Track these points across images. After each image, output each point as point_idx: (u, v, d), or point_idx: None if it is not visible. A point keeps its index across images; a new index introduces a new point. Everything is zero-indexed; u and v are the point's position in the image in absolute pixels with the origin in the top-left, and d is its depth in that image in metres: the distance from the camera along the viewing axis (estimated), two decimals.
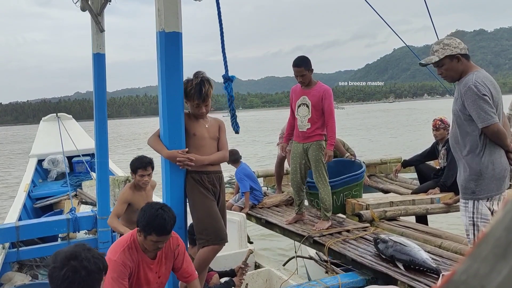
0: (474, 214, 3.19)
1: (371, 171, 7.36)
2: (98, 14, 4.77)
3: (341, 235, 4.64)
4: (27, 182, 8.09)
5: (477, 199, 3.17)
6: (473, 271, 0.39)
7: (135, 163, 4.26)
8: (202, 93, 3.23)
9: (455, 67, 3.19)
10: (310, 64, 4.79)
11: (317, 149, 4.78)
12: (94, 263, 1.94)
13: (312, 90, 4.82)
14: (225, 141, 3.50)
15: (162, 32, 3.02)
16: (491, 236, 0.39)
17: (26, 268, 5.36)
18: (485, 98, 3.05)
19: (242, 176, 6.00)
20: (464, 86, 3.11)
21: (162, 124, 3.17)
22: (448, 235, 4.57)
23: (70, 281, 1.86)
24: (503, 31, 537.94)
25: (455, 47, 3.19)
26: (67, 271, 1.87)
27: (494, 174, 3.13)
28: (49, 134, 9.62)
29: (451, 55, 3.17)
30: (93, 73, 4.95)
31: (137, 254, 2.83)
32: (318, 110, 4.77)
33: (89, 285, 1.90)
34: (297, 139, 4.95)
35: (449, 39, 3.27)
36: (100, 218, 5.23)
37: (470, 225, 3.23)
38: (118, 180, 7.24)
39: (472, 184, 3.17)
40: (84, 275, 1.89)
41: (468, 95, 3.08)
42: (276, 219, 5.39)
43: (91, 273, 1.92)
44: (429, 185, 5.90)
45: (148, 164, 4.24)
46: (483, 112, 3.04)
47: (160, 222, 2.67)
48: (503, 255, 0.38)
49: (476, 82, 3.08)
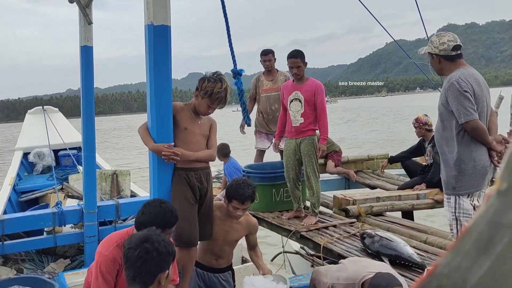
0: (456, 209, 3.24)
1: (358, 167, 7.40)
2: (86, 6, 4.72)
3: (328, 230, 4.67)
4: (12, 176, 7.99)
5: (457, 194, 3.22)
6: (455, 264, 0.39)
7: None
8: (227, 99, 3.27)
9: (433, 64, 3.32)
10: (304, 57, 4.82)
11: (309, 144, 4.80)
12: (164, 247, 2.16)
13: (304, 85, 4.84)
14: (215, 141, 3.49)
15: (150, 25, 3.00)
16: (473, 230, 0.40)
17: (11, 262, 5.31)
18: (465, 94, 3.10)
19: (232, 169, 6.00)
20: (448, 82, 3.18)
21: (150, 117, 3.15)
22: (433, 231, 4.62)
23: (143, 260, 2.11)
24: (494, 24, 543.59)
25: (435, 46, 3.26)
26: (140, 252, 2.12)
27: (475, 171, 3.17)
28: (35, 127, 9.51)
29: (430, 52, 3.29)
30: (81, 65, 4.90)
31: None
32: (310, 105, 4.79)
33: (158, 265, 2.13)
34: (289, 135, 4.96)
35: (437, 35, 3.31)
36: (86, 212, 5.19)
37: (453, 220, 3.29)
38: (105, 174, 7.19)
39: (453, 180, 3.22)
40: (155, 255, 2.12)
41: (450, 91, 3.14)
42: (263, 214, 5.40)
43: (162, 254, 2.14)
44: (416, 181, 5.96)
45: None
46: (463, 108, 3.10)
47: (166, 218, 2.69)
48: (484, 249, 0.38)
49: (459, 79, 3.13)
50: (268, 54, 6.30)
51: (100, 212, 5.28)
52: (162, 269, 2.16)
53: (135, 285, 2.14)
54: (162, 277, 2.15)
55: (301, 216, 5.09)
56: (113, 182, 7.19)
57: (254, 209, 5.51)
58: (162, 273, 2.15)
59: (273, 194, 5.37)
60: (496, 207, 0.39)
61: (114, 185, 7.18)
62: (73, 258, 5.56)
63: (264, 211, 5.39)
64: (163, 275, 2.16)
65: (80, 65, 4.91)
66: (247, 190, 3.28)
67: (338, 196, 5.52)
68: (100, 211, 5.28)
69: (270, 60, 6.29)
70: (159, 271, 2.15)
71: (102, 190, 6.98)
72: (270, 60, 6.29)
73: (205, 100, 3.24)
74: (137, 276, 2.13)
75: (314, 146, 4.81)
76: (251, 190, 3.31)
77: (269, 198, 5.37)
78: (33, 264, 5.35)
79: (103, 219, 5.41)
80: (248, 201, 3.32)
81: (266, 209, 5.38)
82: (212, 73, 3.32)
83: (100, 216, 5.30)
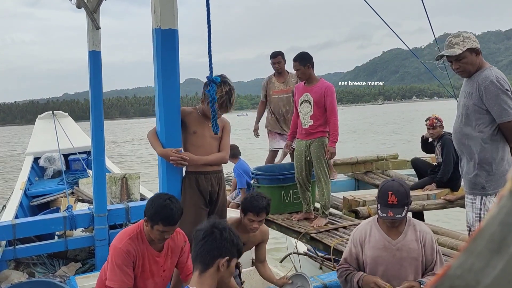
0: (481, 210, 3.16)
1: (368, 167, 7.37)
2: (94, 11, 4.75)
3: (338, 231, 4.65)
4: (23, 180, 8.06)
5: (486, 194, 3.14)
6: (468, 265, 0.39)
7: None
8: (231, 103, 3.27)
9: (474, 61, 3.12)
10: (306, 60, 4.78)
11: (319, 146, 4.78)
12: (229, 234, 2.29)
13: (314, 87, 4.82)
14: (227, 143, 3.47)
15: (158, 29, 3.01)
16: (486, 231, 0.39)
17: (23, 266, 5.35)
18: (507, 93, 3.01)
19: (240, 171, 6.00)
20: (485, 81, 3.04)
21: (158, 121, 3.16)
22: (445, 231, 4.59)
23: (205, 240, 2.25)
24: (490, 34, 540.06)
25: (474, 40, 3.13)
26: (206, 232, 2.28)
27: (503, 170, 3.11)
28: (45, 132, 9.59)
29: (472, 48, 3.11)
30: (89, 70, 4.94)
31: (143, 245, 2.85)
32: (320, 107, 4.76)
33: (219, 248, 2.24)
34: (300, 137, 4.95)
35: (466, 32, 3.19)
36: (96, 216, 5.22)
37: (476, 221, 3.20)
38: (115, 178, 7.23)
39: (483, 180, 3.14)
40: (218, 238, 2.25)
41: (489, 90, 3.01)
42: (273, 216, 5.39)
43: (224, 239, 2.25)
44: (426, 181, 5.92)
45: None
46: (506, 107, 3.00)
47: (167, 212, 2.69)
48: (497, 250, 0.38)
49: (498, 77, 3.03)
50: (277, 56, 6.32)
51: (110, 216, 5.31)
52: (222, 254, 2.23)
53: (197, 264, 2.26)
54: (221, 262, 2.22)
55: (310, 217, 5.07)
56: (122, 185, 7.23)
57: None
58: (221, 258, 2.22)
59: (282, 196, 5.36)
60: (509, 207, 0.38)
61: (124, 189, 7.22)
62: (84, 262, 5.59)
63: (273, 213, 5.38)
64: (222, 261, 2.22)
65: (89, 69, 4.94)
66: (261, 202, 3.24)
67: (347, 197, 5.50)
68: (110, 214, 5.31)
69: (280, 62, 6.31)
70: (219, 255, 2.23)
71: (112, 194, 7.02)
72: (279, 62, 6.30)
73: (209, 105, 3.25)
74: (199, 255, 2.25)
75: (324, 148, 4.78)
76: (265, 202, 3.27)
77: (278, 200, 5.37)
78: (45, 268, 5.38)
79: (114, 222, 5.44)
80: (263, 212, 3.27)
81: (276, 211, 5.38)
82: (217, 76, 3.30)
83: (110, 220, 5.33)
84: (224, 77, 3.28)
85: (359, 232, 3.03)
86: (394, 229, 2.91)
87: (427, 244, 2.90)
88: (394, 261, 2.88)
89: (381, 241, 2.91)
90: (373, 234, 2.95)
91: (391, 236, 2.90)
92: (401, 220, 2.84)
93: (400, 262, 2.87)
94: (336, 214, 5.40)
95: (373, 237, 2.94)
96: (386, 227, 2.92)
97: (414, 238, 2.89)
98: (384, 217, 2.81)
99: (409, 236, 2.89)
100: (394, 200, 2.77)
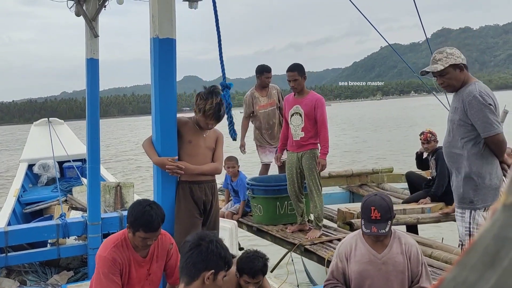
0: (470, 224, 3.19)
1: (362, 180, 7.38)
2: (93, 19, 4.76)
3: (332, 243, 4.64)
4: (17, 187, 8.01)
5: (474, 208, 3.16)
6: (461, 279, 0.39)
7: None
8: (220, 114, 3.26)
9: (458, 77, 3.19)
10: (303, 71, 4.83)
11: (310, 158, 4.79)
12: (216, 247, 2.29)
13: (304, 99, 4.84)
14: (221, 154, 3.49)
15: (156, 39, 3.02)
16: (480, 244, 0.39)
17: (15, 273, 5.29)
18: (490, 107, 3.06)
19: (244, 184, 5.94)
20: (468, 96, 3.10)
21: (154, 130, 3.16)
22: (439, 245, 4.59)
23: (192, 252, 2.26)
24: (488, 28, 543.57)
25: (458, 56, 3.19)
26: (192, 244, 2.29)
27: (491, 184, 3.14)
28: (40, 138, 9.55)
29: (455, 64, 3.17)
30: (86, 78, 4.93)
31: (128, 252, 2.83)
32: (311, 119, 4.78)
33: (205, 261, 2.24)
34: (291, 149, 4.96)
35: (451, 48, 3.26)
36: (90, 224, 5.19)
37: (466, 235, 3.23)
38: (109, 186, 7.19)
39: (471, 194, 3.17)
40: (204, 251, 2.25)
41: (473, 104, 3.07)
42: (267, 227, 5.38)
43: (211, 252, 2.26)
44: (420, 195, 5.92)
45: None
46: (489, 121, 3.04)
47: (147, 219, 2.68)
48: (491, 263, 0.38)
49: (481, 92, 3.09)
50: (270, 71, 6.46)
51: (104, 224, 5.27)
52: (208, 267, 2.23)
53: (183, 276, 2.27)
54: (206, 275, 2.22)
55: (305, 229, 5.07)
56: (116, 194, 7.19)
57: (258, 222, 5.50)
58: (206, 271, 2.22)
59: (277, 207, 5.36)
60: (503, 221, 0.39)
61: (118, 197, 7.19)
62: (76, 270, 5.53)
63: (268, 224, 5.37)
64: (208, 274, 2.22)
65: (86, 77, 4.93)
66: (257, 263, 3.05)
67: (342, 209, 5.49)
68: (104, 223, 5.27)
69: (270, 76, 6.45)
70: (205, 268, 2.23)
71: (106, 202, 6.98)
72: (270, 76, 6.45)
73: (201, 117, 3.27)
74: (185, 267, 2.26)
75: (315, 159, 4.80)
76: (261, 263, 3.07)
77: (273, 211, 5.36)
78: (37, 276, 5.33)
79: (107, 231, 5.39)
80: (260, 275, 3.07)
81: (270, 222, 5.37)
82: (206, 88, 3.32)
83: (104, 228, 5.29)
84: (216, 89, 3.31)
85: (345, 247, 3.03)
86: (379, 243, 2.92)
87: (413, 256, 2.91)
88: (380, 275, 2.89)
89: (366, 255, 2.92)
90: (359, 248, 2.96)
91: (376, 250, 2.91)
92: (385, 235, 2.85)
93: (386, 275, 2.88)
94: (331, 226, 5.39)
95: (358, 251, 2.95)
96: (371, 241, 2.94)
97: (399, 251, 2.90)
98: (368, 233, 2.84)
99: (394, 249, 2.91)
100: (377, 216, 2.79)
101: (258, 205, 5.48)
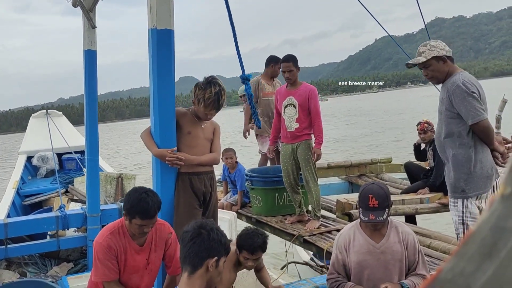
0: (463, 213, 3.23)
1: (361, 170, 7.39)
2: (90, 10, 4.73)
3: (331, 234, 4.65)
4: (16, 179, 8.02)
5: (466, 197, 3.20)
6: (459, 269, 0.39)
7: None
8: (220, 103, 3.28)
9: (441, 68, 3.26)
10: (297, 62, 4.86)
11: (305, 149, 4.80)
12: (216, 234, 2.30)
13: (298, 90, 4.85)
14: (218, 144, 3.50)
15: (154, 30, 3.01)
16: (477, 235, 0.39)
17: (14, 265, 5.32)
18: (473, 95, 3.11)
19: (244, 175, 5.97)
20: (452, 85, 3.17)
21: (153, 122, 3.16)
22: (437, 235, 4.61)
23: (194, 242, 2.26)
24: (481, 16, 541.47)
25: (441, 49, 3.26)
26: (193, 234, 2.28)
27: (482, 172, 3.18)
28: (38, 131, 9.54)
29: (438, 56, 3.24)
30: (84, 70, 4.91)
31: (124, 240, 2.85)
32: (305, 109, 4.80)
33: (207, 249, 2.25)
34: (285, 140, 4.96)
35: (435, 41, 3.34)
36: (89, 216, 5.20)
37: (459, 224, 3.27)
38: (110, 177, 7.21)
39: (462, 183, 3.21)
40: (206, 239, 2.26)
41: (456, 93, 3.13)
42: (266, 218, 5.39)
43: (212, 240, 2.27)
44: (419, 185, 5.93)
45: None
46: (473, 109, 3.09)
47: (144, 206, 2.70)
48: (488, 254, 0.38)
49: (464, 81, 3.14)
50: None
51: (103, 216, 5.29)
52: (211, 255, 2.25)
53: (185, 266, 2.27)
54: (210, 262, 2.24)
55: (304, 220, 5.08)
56: (117, 185, 7.21)
57: (257, 213, 5.51)
58: (210, 259, 2.24)
59: (276, 198, 5.37)
60: (500, 211, 0.39)
61: (119, 188, 7.21)
62: (76, 262, 5.56)
63: (267, 215, 5.38)
64: (211, 261, 2.24)
65: (84, 69, 4.92)
66: (257, 240, 3.10)
67: (341, 200, 5.51)
68: (103, 214, 5.29)
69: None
70: (208, 255, 2.25)
71: (106, 192, 7.00)
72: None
73: (200, 107, 3.28)
74: (187, 257, 2.25)
75: (311, 150, 4.81)
76: (261, 240, 3.12)
77: (272, 202, 5.37)
78: (36, 268, 5.35)
79: (107, 222, 5.41)
80: (259, 251, 3.13)
81: (269, 213, 5.38)
82: (205, 78, 3.33)
83: (103, 220, 5.30)
84: (214, 79, 3.33)
85: (343, 238, 3.06)
86: (377, 232, 2.95)
87: (410, 245, 2.96)
88: (379, 264, 2.92)
89: (365, 245, 2.95)
90: (357, 239, 2.99)
91: (374, 240, 2.94)
92: (383, 222, 2.88)
93: (384, 265, 2.92)
94: (330, 217, 5.41)
95: (357, 241, 2.98)
96: (369, 231, 2.96)
97: (397, 240, 2.94)
98: (366, 221, 2.86)
99: (392, 238, 2.94)
100: (375, 203, 2.82)
101: (257, 196, 5.50)
